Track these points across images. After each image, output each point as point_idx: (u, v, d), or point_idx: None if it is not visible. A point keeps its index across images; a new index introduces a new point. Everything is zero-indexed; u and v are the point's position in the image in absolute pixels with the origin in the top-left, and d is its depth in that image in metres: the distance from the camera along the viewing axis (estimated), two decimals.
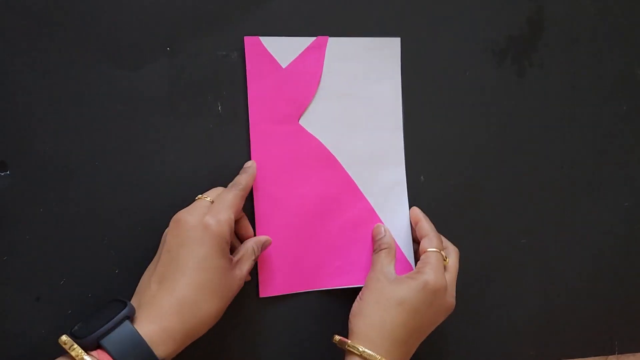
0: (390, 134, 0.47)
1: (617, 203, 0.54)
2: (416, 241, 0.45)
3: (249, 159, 0.44)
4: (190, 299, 0.33)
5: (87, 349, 0.30)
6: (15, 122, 0.39)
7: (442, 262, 0.41)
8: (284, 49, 0.44)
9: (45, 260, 0.39)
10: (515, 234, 0.51)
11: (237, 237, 0.42)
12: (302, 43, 0.44)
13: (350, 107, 0.46)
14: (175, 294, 0.33)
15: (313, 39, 0.44)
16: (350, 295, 0.44)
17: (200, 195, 0.39)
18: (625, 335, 0.55)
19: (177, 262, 0.34)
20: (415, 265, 0.42)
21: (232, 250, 0.40)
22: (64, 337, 0.31)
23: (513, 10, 0.50)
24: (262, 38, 0.43)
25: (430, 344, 0.49)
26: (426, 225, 0.43)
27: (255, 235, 0.43)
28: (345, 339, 0.39)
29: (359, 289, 0.43)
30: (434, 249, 0.41)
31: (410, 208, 0.47)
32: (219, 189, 0.40)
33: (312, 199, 0.45)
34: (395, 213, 0.47)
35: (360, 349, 0.37)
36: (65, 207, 0.40)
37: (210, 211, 0.36)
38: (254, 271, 0.44)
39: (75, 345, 0.30)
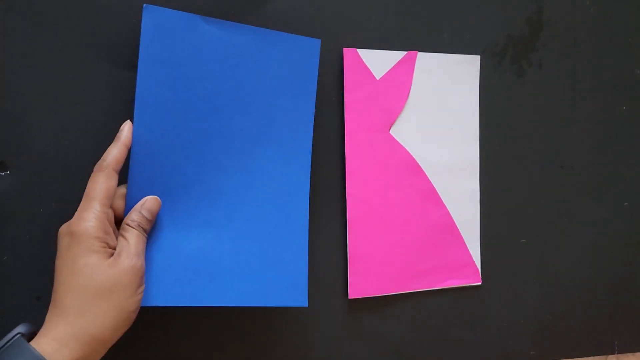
0: (467, 146, 0.49)
1: (617, 203, 0.54)
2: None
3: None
4: (68, 304, 0.32)
5: None
6: (15, 122, 0.39)
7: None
8: (378, 62, 0.45)
9: (45, 260, 0.39)
10: (515, 234, 0.51)
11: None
12: (394, 56, 0.46)
13: (435, 118, 0.48)
14: (56, 303, 0.32)
15: (404, 53, 0.46)
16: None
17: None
18: (625, 335, 0.55)
19: (55, 274, 0.33)
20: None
21: None
22: None
23: (513, 10, 0.50)
24: (359, 50, 0.45)
25: (431, 343, 0.49)
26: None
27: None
28: None
29: (446, 289, 0.47)
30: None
31: None
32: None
33: (399, 204, 0.47)
34: (468, 220, 0.49)
35: None
36: (65, 207, 0.40)
37: (76, 213, 0.34)
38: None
39: None
